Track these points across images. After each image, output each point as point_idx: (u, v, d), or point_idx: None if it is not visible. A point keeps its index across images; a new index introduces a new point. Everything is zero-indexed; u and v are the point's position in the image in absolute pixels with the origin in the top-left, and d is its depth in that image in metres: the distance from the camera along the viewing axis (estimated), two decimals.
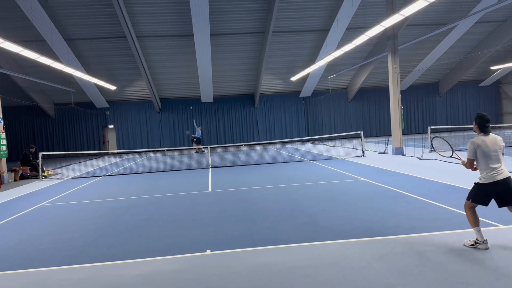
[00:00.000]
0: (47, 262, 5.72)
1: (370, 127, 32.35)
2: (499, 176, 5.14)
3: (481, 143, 5.25)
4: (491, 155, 5.20)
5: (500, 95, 33.40)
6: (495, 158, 5.20)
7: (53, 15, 19.94)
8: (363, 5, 20.84)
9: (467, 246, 5.33)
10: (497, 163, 5.19)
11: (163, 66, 25.75)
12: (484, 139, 5.26)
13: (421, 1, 11.08)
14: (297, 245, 5.86)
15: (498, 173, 5.16)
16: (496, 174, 5.15)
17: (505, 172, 5.18)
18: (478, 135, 5.37)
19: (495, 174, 5.16)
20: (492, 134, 5.34)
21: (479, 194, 5.30)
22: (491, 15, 23.83)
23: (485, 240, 5.23)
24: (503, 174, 5.17)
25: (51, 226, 7.95)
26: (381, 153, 18.75)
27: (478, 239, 5.26)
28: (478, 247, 5.23)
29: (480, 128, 5.33)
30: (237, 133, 30.92)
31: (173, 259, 5.58)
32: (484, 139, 5.26)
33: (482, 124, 5.31)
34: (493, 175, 5.16)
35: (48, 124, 29.54)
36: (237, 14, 21.53)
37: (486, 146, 5.22)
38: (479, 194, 5.30)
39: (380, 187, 10.06)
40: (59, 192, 12.47)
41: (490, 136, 5.29)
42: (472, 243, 5.31)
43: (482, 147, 5.23)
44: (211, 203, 9.31)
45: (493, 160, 5.19)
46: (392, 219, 6.92)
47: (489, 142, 5.24)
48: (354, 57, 26.68)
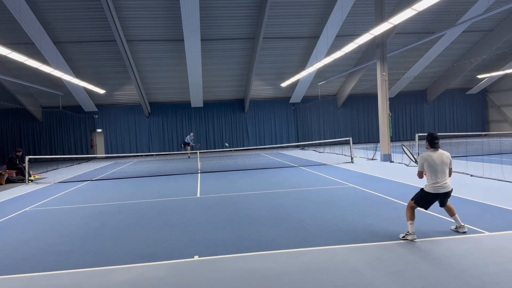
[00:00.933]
0: (32, 268, 5.64)
1: (359, 133, 32.56)
2: (441, 190, 5.96)
3: (428, 158, 6.03)
4: (437, 169, 5.97)
5: (487, 104, 33.90)
6: (440, 172, 5.96)
7: (42, 17, 19.78)
8: (352, 13, 21.07)
9: (400, 238, 6.06)
10: (441, 177, 5.96)
11: (153, 71, 25.67)
12: (431, 154, 6.05)
13: (409, 10, 11.23)
14: (285, 251, 5.86)
15: (441, 187, 5.95)
16: (439, 187, 5.95)
17: (448, 187, 6.00)
18: (427, 150, 6.15)
19: (437, 187, 5.96)
20: (441, 150, 6.12)
21: (421, 199, 6.13)
22: (478, 24, 24.24)
23: (414, 232, 5.98)
24: (446, 188, 5.98)
25: (37, 231, 7.84)
26: (370, 160, 18.87)
27: (408, 231, 6.02)
28: (407, 237, 5.98)
29: (430, 144, 6.13)
30: (227, 138, 30.87)
31: (161, 265, 5.54)
32: (431, 154, 6.05)
33: (431, 141, 6.11)
34: (436, 187, 5.97)
35: (36, 127, 29.19)
36: (227, 20, 21.60)
37: (432, 160, 5.99)
38: (421, 199, 6.13)
39: (368, 193, 10.12)
40: (45, 196, 12.31)
41: (438, 152, 6.06)
42: (404, 235, 6.06)
43: (429, 161, 6.00)
44: (200, 209, 9.27)
45: (438, 174, 5.96)
46: (380, 226, 6.97)
47: (436, 157, 6.01)
48: (343, 64, 26.91)
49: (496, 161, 15.22)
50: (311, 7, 21.45)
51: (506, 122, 32.01)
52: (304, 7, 21.33)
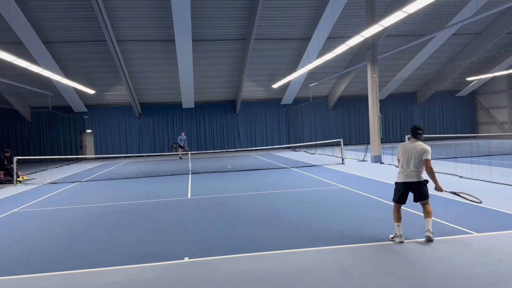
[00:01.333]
0: (20, 270, 5.57)
1: (350, 135, 32.72)
2: (406, 179, 6.02)
3: (403, 146, 6.17)
4: (406, 157, 6.05)
5: (476, 106, 34.27)
6: (408, 161, 6.02)
7: (31, 17, 19.57)
8: (343, 15, 21.17)
9: (389, 239, 6.09)
10: (408, 166, 6.01)
11: (144, 71, 25.54)
12: (406, 143, 6.17)
13: (400, 12, 11.31)
14: (275, 252, 5.86)
15: (407, 176, 6.02)
16: (405, 176, 6.04)
17: (412, 176, 5.99)
18: None
19: (403, 175, 6.06)
20: (420, 142, 6.10)
21: (394, 193, 6.22)
22: (467, 27, 24.51)
23: (401, 234, 5.99)
24: (411, 178, 5.99)
25: (25, 232, 7.75)
26: (360, 161, 18.97)
27: (396, 233, 6.05)
28: (395, 239, 6.00)
29: (412, 134, 6.18)
30: (218, 140, 30.84)
31: (150, 266, 5.51)
32: (406, 143, 6.17)
33: (413, 130, 6.17)
34: (406, 176, 6.03)
35: (24, 128, 28.87)
36: (219, 21, 21.57)
37: (405, 149, 6.09)
38: (394, 193, 6.22)
39: (359, 195, 10.17)
40: (34, 197, 12.18)
41: (416, 142, 6.06)
42: (392, 236, 6.09)
43: (403, 149, 6.14)
44: (190, 210, 9.24)
45: (405, 163, 6.05)
46: (370, 226, 7.00)
47: (410, 146, 6.06)
48: (334, 66, 27.01)
49: (485, 163, 15.38)
50: (303, 9, 21.52)
51: (494, 124, 32.39)
52: (295, 8, 21.38)
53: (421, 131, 6.07)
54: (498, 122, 31.89)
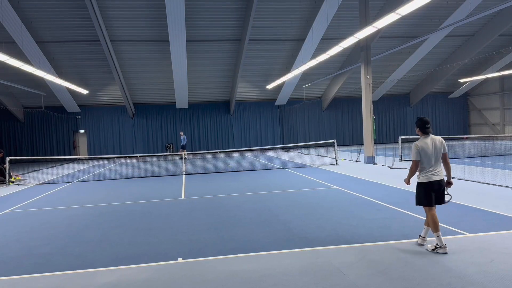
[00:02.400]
0: (12, 271, 5.53)
1: (343, 136, 32.82)
2: (435, 177, 5.61)
3: (424, 145, 5.67)
4: (432, 156, 5.63)
5: (468, 107, 34.54)
6: (435, 159, 5.64)
7: (24, 16, 19.44)
8: (337, 16, 21.24)
9: (429, 250, 5.61)
10: (435, 164, 5.64)
11: (138, 71, 25.45)
12: (426, 141, 5.69)
13: (393, 14, 11.38)
14: (269, 253, 5.87)
15: (434, 174, 5.62)
16: (433, 174, 5.62)
17: (440, 174, 5.65)
18: (420, 137, 5.79)
19: (431, 174, 5.63)
20: (433, 135, 5.75)
21: (421, 196, 5.73)
22: (460, 29, 24.70)
23: (444, 245, 5.50)
24: (439, 176, 5.63)
25: (17, 233, 7.69)
26: (354, 162, 19.04)
27: (438, 244, 5.55)
28: (438, 251, 5.51)
29: (421, 130, 5.76)
30: (212, 140, 30.80)
31: (144, 267, 5.50)
32: (426, 141, 5.69)
33: (422, 126, 5.75)
34: (429, 175, 5.63)
35: (17, 128, 28.65)
36: (213, 21, 21.56)
37: (428, 147, 5.64)
38: (421, 196, 5.73)
39: (352, 195, 10.20)
40: (26, 198, 12.09)
41: (430, 137, 5.72)
42: (433, 248, 5.58)
43: (425, 148, 5.65)
44: (184, 211, 9.22)
45: (433, 161, 5.63)
46: (363, 227, 7.03)
47: (430, 143, 5.67)
48: (328, 67, 27.10)
49: (477, 164, 15.50)
50: (297, 10, 21.56)
51: (486, 126, 32.65)
52: (289, 10, 21.43)
53: (429, 125, 5.73)
54: (491, 124, 32.16)
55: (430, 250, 5.60)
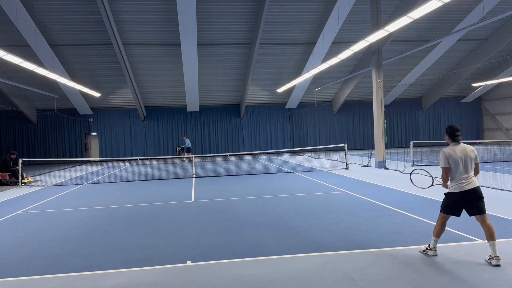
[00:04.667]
0: (22, 272, 5.58)
1: (354, 140, 32.64)
2: (467, 186, 5.31)
3: (452, 152, 5.43)
4: (461, 164, 5.37)
5: (481, 112, 34.12)
6: (465, 168, 5.37)
7: (38, 20, 19.74)
8: (348, 20, 21.18)
9: (420, 251, 5.71)
10: (466, 173, 5.36)
11: (149, 74, 25.64)
12: (454, 149, 5.46)
13: (405, 17, 11.30)
14: (278, 257, 5.83)
15: (467, 183, 5.32)
16: (465, 184, 5.32)
17: (474, 182, 5.36)
18: (449, 145, 5.58)
19: (463, 184, 5.33)
20: (463, 143, 5.52)
21: (448, 204, 5.50)
22: (473, 33, 24.44)
23: (435, 248, 5.56)
24: (472, 184, 5.33)
25: (28, 234, 7.77)
26: (364, 166, 18.90)
27: (429, 245, 5.63)
28: (428, 253, 5.60)
29: (451, 137, 5.54)
30: (222, 143, 30.87)
31: (153, 270, 5.50)
32: (454, 149, 5.46)
33: (452, 133, 5.53)
34: (461, 184, 5.34)
35: (30, 130, 29.04)
36: (224, 25, 21.64)
37: (456, 155, 5.40)
38: (448, 204, 5.50)
39: (363, 200, 10.12)
40: (38, 199, 12.22)
41: (461, 146, 5.48)
42: (424, 249, 5.67)
43: (453, 156, 5.41)
44: (193, 214, 9.23)
45: (463, 170, 5.37)
46: (373, 232, 6.96)
47: (460, 151, 5.43)
48: (339, 71, 27.01)
49: (490, 169, 15.28)
50: (308, 14, 21.55)
51: (500, 131, 32.20)
52: (300, 14, 21.42)
53: (459, 133, 5.49)
54: (504, 129, 31.70)
55: (421, 251, 5.69)
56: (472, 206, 5.35)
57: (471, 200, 5.33)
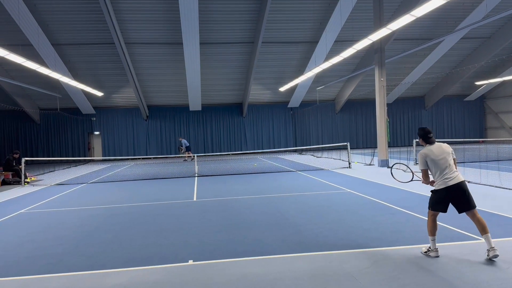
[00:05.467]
0: (25, 271, 5.59)
1: (357, 138, 32.59)
2: (451, 182, 5.40)
3: (429, 152, 5.55)
4: (440, 162, 5.48)
5: (484, 110, 33.99)
6: (445, 164, 5.47)
7: (40, 19, 19.78)
8: (351, 18, 21.12)
9: (422, 253, 5.64)
10: (446, 169, 5.46)
11: (152, 74, 25.66)
12: (430, 148, 5.58)
13: (408, 16, 11.26)
14: (280, 256, 5.82)
15: (450, 179, 5.40)
16: (448, 179, 5.41)
17: (458, 177, 5.44)
18: (424, 146, 5.70)
19: (447, 180, 5.42)
20: (437, 142, 5.64)
21: (435, 201, 5.56)
22: (476, 31, 24.34)
23: (436, 248, 5.52)
24: (456, 179, 5.41)
25: (31, 233, 7.78)
26: (367, 165, 18.86)
27: (430, 247, 5.56)
28: (429, 254, 5.52)
29: (424, 140, 5.70)
30: (225, 142, 30.87)
31: (155, 269, 5.50)
32: (430, 148, 5.58)
33: (424, 135, 5.68)
34: (445, 180, 5.43)
35: (33, 129, 29.12)
36: (227, 24, 21.63)
37: (433, 154, 5.52)
38: (435, 201, 5.56)
39: (365, 199, 10.10)
40: (41, 198, 12.25)
41: (436, 145, 5.61)
42: (426, 250, 5.60)
43: (430, 155, 5.52)
44: (196, 213, 9.23)
45: (443, 166, 5.47)
46: (376, 231, 6.94)
47: (436, 150, 5.54)
48: (342, 70, 26.95)
49: (494, 168, 15.23)
50: (310, 13, 21.49)
51: (503, 129, 32.09)
52: (303, 12, 21.38)
53: (431, 134, 5.64)
54: (507, 127, 31.58)
55: (423, 252, 5.62)
56: (459, 201, 5.43)
57: (457, 196, 5.41)
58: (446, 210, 5.55)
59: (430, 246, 5.56)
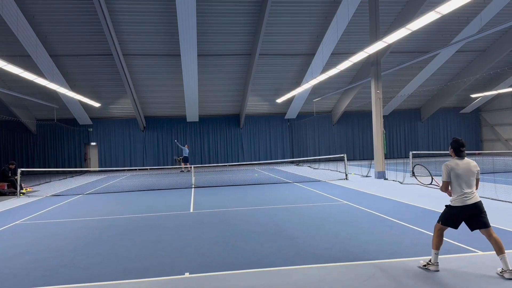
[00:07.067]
0: (20, 283, 5.54)
1: (354, 150, 32.65)
2: (469, 201, 5.29)
3: (455, 166, 5.39)
4: (464, 179, 5.35)
5: (480, 123, 34.19)
6: (467, 182, 5.36)
7: (39, 31, 19.86)
8: (347, 32, 21.33)
9: (420, 267, 5.52)
10: (468, 187, 5.34)
11: (149, 85, 25.72)
12: (458, 163, 5.42)
13: (404, 29, 11.39)
14: (277, 268, 5.79)
15: (469, 198, 5.30)
16: (467, 198, 5.30)
17: (475, 197, 5.35)
18: (452, 158, 5.55)
19: (465, 199, 5.31)
20: (467, 158, 5.48)
21: (449, 216, 5.46)
22: (471, 45, 24.60)
23: (437, 263, 5.44)
24: (474, 199, 5.31)
25: (26, 245, 7.72)
26: (364, 177, 18.88)
27: (431, 260, 5.48)
28: (429, 268, 5.44)
29: (456, 152, 5.49)
30: (222, 153, 30.87)
31: (151, 282, 5.46)
32: (458, 163, 5.42)
33: (457, 148, 5.47)
34: (463, 199, 5.32)
35: (29, 140, 29.03)
36: (224, 36, 21.78)
37: (459, 169, 5.37)
38: (449, 216, 5.46)
39: (362, 211, 10.09)
40: (36, 210, 12.17)
41: (465, 160, 5.44)
42: (425, 264, 5.51)
43: (456, 170, 5.38)
44: (192, 224, 9.19)
45: (465, 184, 5.35)
46: (373, 244, 6.92)
47: (463, 166, 5.39)
48: (338, 82, 27.13)
49: (489, 180, 15.27)
50: (307, 26, 21.70)
51: (499, 141, 32.25)
52: (300, 25, 21.57)
53: (464, 148, 5.45)
54: (503, 139, 31.74)
55: (421, 266, 5.54)
56: (474, 221, 5.33)
57: (473, 215, 5.31)
58: (457, 227, 5.45)
59: (432, 259, 5.47)
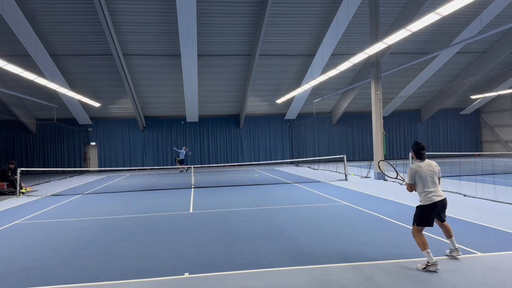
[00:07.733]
0: (19, 283, 5.54)
1: (353, 151, 32.66)
2: (437, 198, 5.72)
3: (418, 169, 5.82)
4: (428, 179, 5.76)
5: (480, 124, 34.20)
6: (432, 181, 5.77)
7: (39, 30, 19.86)
8: (347, 32, 21.35)
9: (420, 269, 5.53)
10: (433, 186, 5.76)
11: (149, 85, 25.72)
12: (420, 165, 5.85)
13: (404, 30, 11.39)
14: (277, 269, 5.80)
15: (436, 195, 5.72)
16: (434, 196, 5.71)
17: (441, 194, 5.80)
18: (415, 161, 5.94)
19: (433, 196, 5.71)
20: (428, 160, 5.94)
21: (422, 216, 5.75)
22: (471, 46, 24.62)
23: (435, 262, 5.45)
24: (440, 196, 5.76)
25: (26, 245, 7.72)
26: (363, 177, 18.88)
27: (428, 261, 5.49)
28: (429, 269, 5.44)
29: (417, 155, 5.92)
30: (222, 154, 30.87)
31: (150, 282, 5.46)
32: (420, 165, 5.85)
33: (417, 151, 5.89)
34: (431, 197, 5.71)
35: (29, 139, 29.02)
36: (224, 37, 21.79)
37: (422, 171, 5.79)
38: (422, 216, 5.75)
39: (362, 212, 10.09)
40: (36, 209, 12.17)
41: (426, 162, 5.88)
42: (424, 266, 5.51)
43: (419, 172, 5.80)
44: (192, 224, 9.19)
45: (430, 183, 5.76)
46: (372, 244, 6.93)
47: (425, 167, 5.82)
48: (338, 82, 27.13)
49: (489, 181, 15.28)
50: (307, 26, 21.72)
51: (498, 143, 32.26)
52: (300, 26, 21.59)
53: (424, 151, 5.87)
54: (503, 141, 31.76)
55: (421, 269, 5.52)
56: (437, 215, 5.83)
57: (440, 211, 5.80)
58: (432, 224, 5.77)
59: (428, 260, 5.48)
